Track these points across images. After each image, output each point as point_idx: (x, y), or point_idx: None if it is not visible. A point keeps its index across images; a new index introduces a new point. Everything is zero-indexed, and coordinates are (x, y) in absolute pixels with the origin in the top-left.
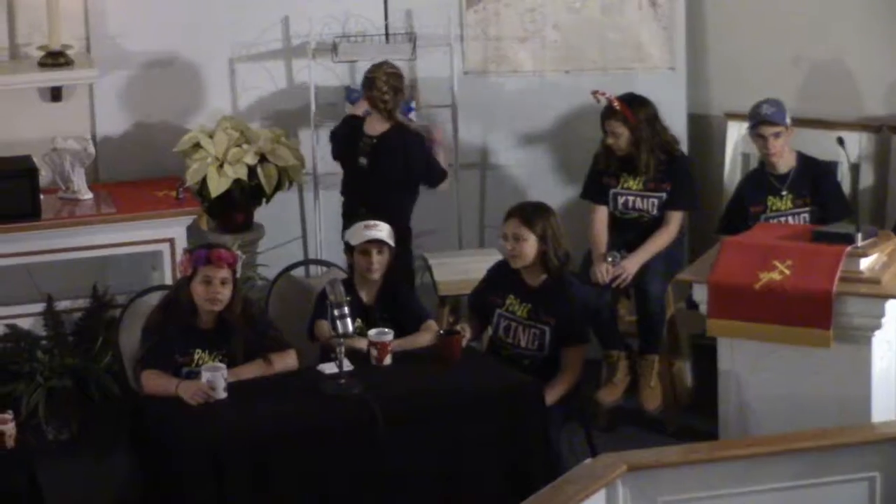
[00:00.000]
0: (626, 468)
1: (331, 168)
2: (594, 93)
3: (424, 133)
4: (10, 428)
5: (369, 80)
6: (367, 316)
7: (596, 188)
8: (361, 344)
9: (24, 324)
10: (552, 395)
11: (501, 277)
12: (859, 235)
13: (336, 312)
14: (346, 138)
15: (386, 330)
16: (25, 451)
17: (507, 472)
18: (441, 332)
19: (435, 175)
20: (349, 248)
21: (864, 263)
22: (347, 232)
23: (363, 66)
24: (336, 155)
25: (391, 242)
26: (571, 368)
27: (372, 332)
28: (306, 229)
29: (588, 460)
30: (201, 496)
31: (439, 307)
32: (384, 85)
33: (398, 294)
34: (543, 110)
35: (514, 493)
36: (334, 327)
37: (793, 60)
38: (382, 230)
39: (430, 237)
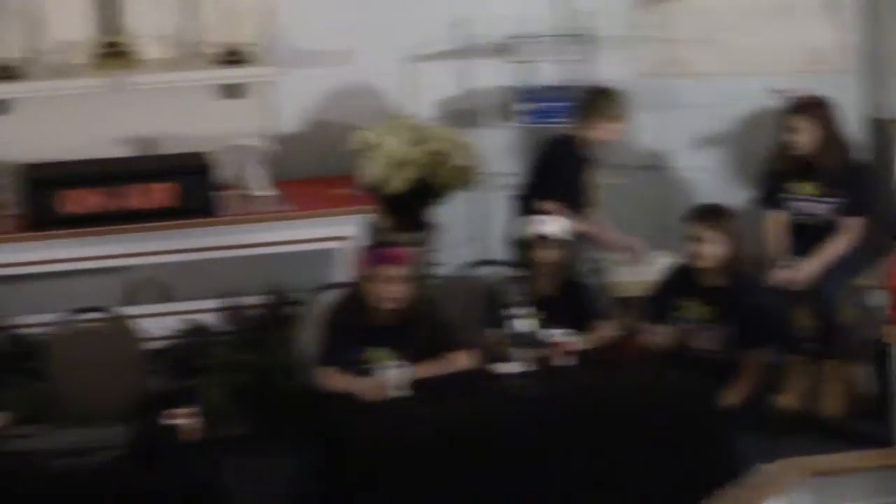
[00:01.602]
0: (807, 474)
1: (505, 168)
2: (776, 90)
3: None
4: (193, 422)
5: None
6: (546, 308)
7: (772, 193)
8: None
9: (204, 319)
10: (730, 399)
11: (680, 279)
12: None
13: (509, 312)
14: (564, 158)
15: (567, 330)
16: (208, 444)
17: (682, 476)
18: (618, 333)
19: None
20: (520, 246)
21: None
22: (518, 229)
23: (538, 68)
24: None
25: (565, 236)
26: (750, 372)
27: (553, 331)
28: (480, 229)
29: (767, 465)
30: (380, 493)
31: (616, 308)
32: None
33: (579, 288)
34: (718, 113)
35: (690, 498)
36: (507, 327)
37: None
38: (554, 224)
39: None
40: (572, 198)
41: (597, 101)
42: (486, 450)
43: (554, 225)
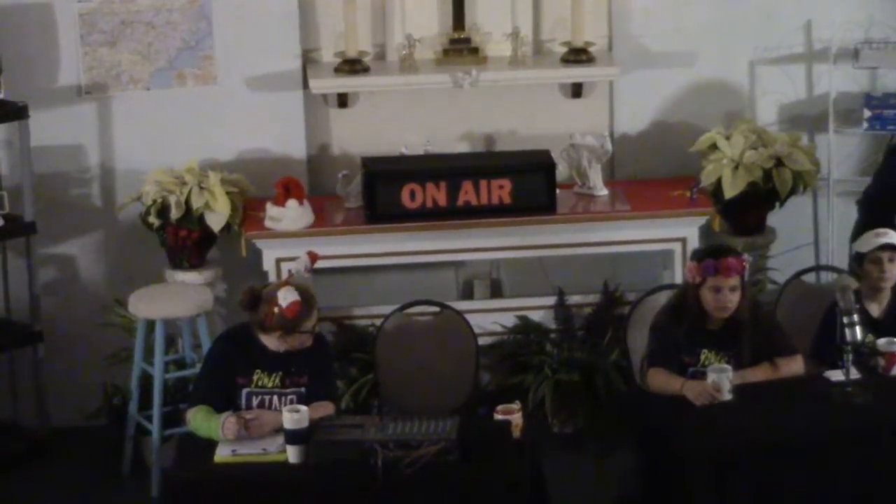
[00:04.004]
0: None
1: (846, 175)
2: None
3: None
4: (517, 418)
5: None
6: (875, 330)
7: None
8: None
9: (535, 316)
10: None
11: None
12: None
13: (845, 320)
14: None
15: None
16: (531, 441)
17: None
18: None
19: None
20: (859, 258)
21: None
22: (858, 241)
23: (883, 73)
24: None
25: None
26: None
27: (881, 340)
28: (818, 235)
29: None
30: (700, 491)
31: None
32: None
33: None
34: None
35: None
36: (843, 335)
37: None
38: (889, 235)
39: None
40: None
41: None
42: (816, 457)
43: (892, 235)
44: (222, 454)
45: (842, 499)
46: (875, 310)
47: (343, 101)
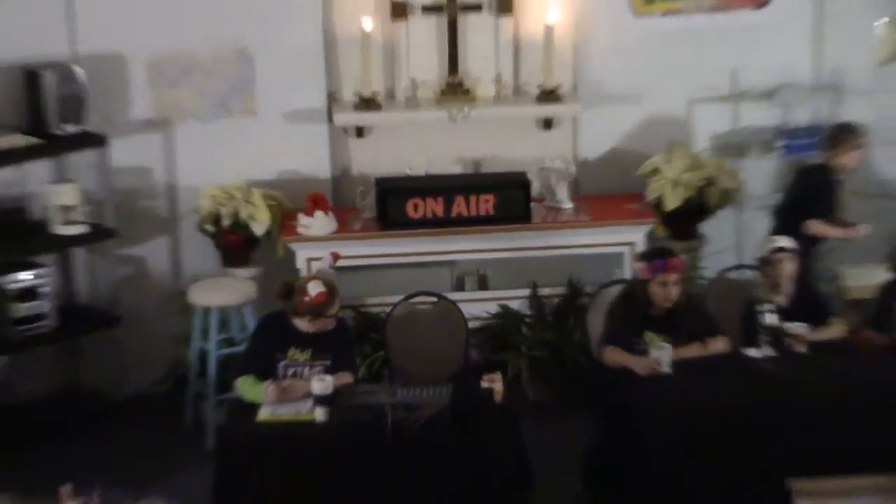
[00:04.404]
0: None
1: (763, 192)
2: None
3: None
4: (499, 386)
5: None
6: (785, 315)
7: None
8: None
9: (514, 305)
10: None
11: (895, 287)
12: None
13: (763, 308)
14: (819, 182)
15: (802, 324)
16: (510, 405)
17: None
18: (847, 329)
19: None
20: (761, 260)
21: None
22: (767, 241)
23: (794, 111)
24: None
25: (793, 247)
26: None
27: (792, 324)
28: (740, 240)
29: None
30: (650, 454)
31: (847, 308)
32: None
33: (812, 290)
34: None
35: None
36: (761, 321)
37: None
38: (783, 239)
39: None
40: (826, 213)
41: (844, 133)
42: (741, 418)
43: (781, 239)
44: (264, 414)
45: (763, 449)
46: (782, 300)
47: (360, 132)
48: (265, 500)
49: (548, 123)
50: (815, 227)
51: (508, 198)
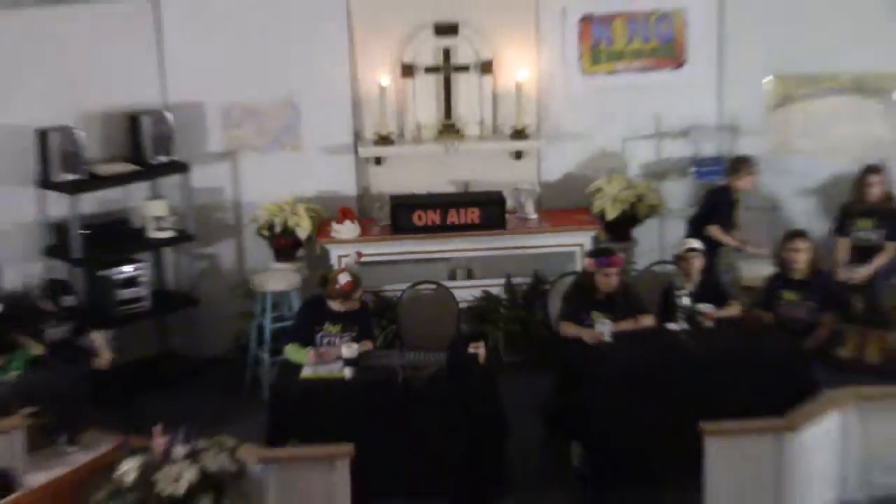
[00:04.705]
0: (852, 397)
1: (680, 206)
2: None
3: None
4: (482, 351)
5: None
6: (695, 298)
7: (842, 226)
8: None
9: (493, 290)
10: (810, 348)
11: (780, 277)
12: None
13: (679, 293)
14: (722, 199)
15: (710, 305)
16: (491, 366)
17: (780, 394)
18: (743, 309)
19: None
20: (676, 258)
21: None
22: (682, 243)
23: (703, 147)
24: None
25: (701, 247)
26: (823, 333)
27: (700, 305)
28: (662, 242)
29: (831, 391)
30: (596, 400)
31: (742, 293)
32: None
33: (716, 279)
34: (812, 177)
35: (784, 407)
36: (678, 303)
37: None
38: (694, 242)
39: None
40: (727, 223)
41: (741, 163)
42: (663, 377)
43: (693, 243)
44: (306, 373)
45: (680, 398)
46: (693, 287)
47: (378, 161)
48: (306, 439)
49: (518, 155)
50: (717, 234)
51: (489, 210)
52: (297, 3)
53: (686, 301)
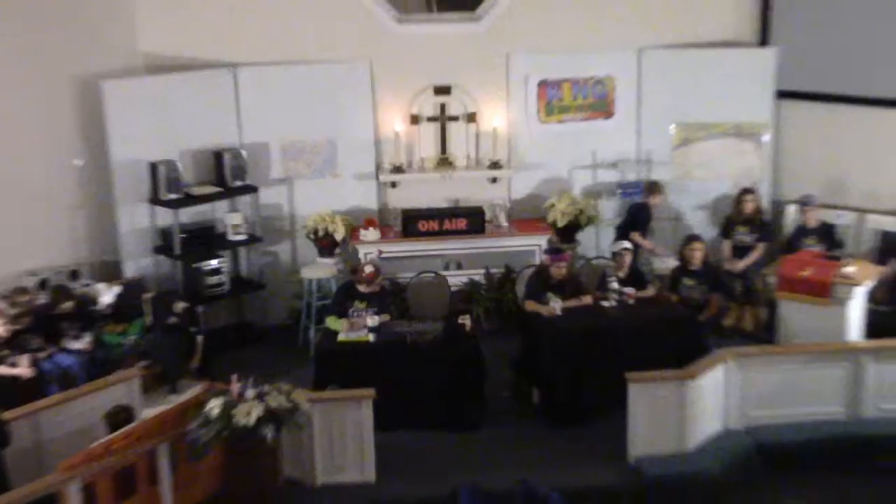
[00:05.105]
0: (733, 355)
1: (610, 217)
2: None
3: None
4: (468, 322)
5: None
6: (622, 283)
7: (727, 231)
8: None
9: (476, 278)
10: (703, 319)
11: (681, 268)
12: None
13: (610, 279)
14: (641, 213)
15: (632, 288)
16: (475, 333)
17: (680, 353)
18: (655, 291)
19: None
20: (612, 254)
21: (847, 268)
22: (614, 245)
23: (625, 172)
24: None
25: (628, 247)
26: (713, 308)
27: (626, 288)
28: (598, 243)
29: (718, 350)
30: (552, 357)
31: (655, 280)
32: None
33: (638, 270)
34: (703, 197)
35: (683, 362)
36: (610, 286)
37: None
38: (624, 243)
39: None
40: (644, 231)
41: (654, 186)
42: (598, 340)
43: (624, 244)
44: (342, 337)
45: (610, 354)
46: (622, 275)
47: (393, 184)
48: (342, 385)
49: (494, 180)
50: (637, 238)
51: (473, 220)
52: (335, 71)
53: (615, 285)
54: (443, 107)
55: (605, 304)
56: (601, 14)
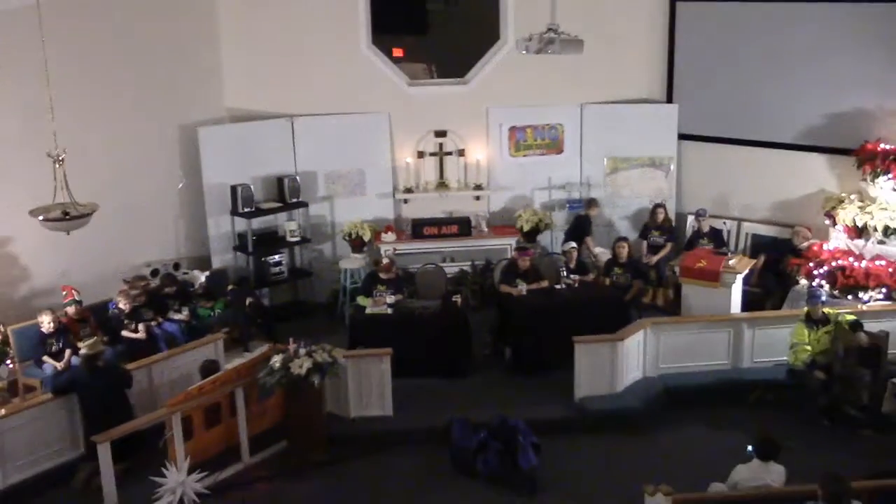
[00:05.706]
0: (650, 323)
1: (561, 225)
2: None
3: None
4: (460, 300)
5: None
6: (570, 272)
7: (644, 233)
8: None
9: (465, 268)
10: (629, 298)
11: (613, 261)
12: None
13: (562, 269)
14: (584, 222)
15: (578, 276)
16: (464, 308)
17: (609, 324)
18: (594, 277)
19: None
20: (563, 252)
21: (731, 261)
22: (564, 245)
23: (572, 191)
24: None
25: (575, 246)
26: (635, 290)
27: (573, 275)
28: (552, 243)
29: (639, 320)
30: (520, 330)
31: (595, 268)
32: None
33: (583, 262)
34: (630, 209)
35: (612, 330)
36: (562, 274)
37: None
38: (571, 244)
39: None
40: (587, 234)
41: (592, 202)
42: (553, 313)
43: (571, 244)
44: (369, 311)
45: (562, 324)
46: (571, 265)
47: (406, 201)
48: (368, 346)
49: (478, 198)
50: (587, 242)
51: (462, 226)
52: (364, 120)
53: (566, 273)
54: (441, 145)
55: (559, 286)
56: (554, 79)
